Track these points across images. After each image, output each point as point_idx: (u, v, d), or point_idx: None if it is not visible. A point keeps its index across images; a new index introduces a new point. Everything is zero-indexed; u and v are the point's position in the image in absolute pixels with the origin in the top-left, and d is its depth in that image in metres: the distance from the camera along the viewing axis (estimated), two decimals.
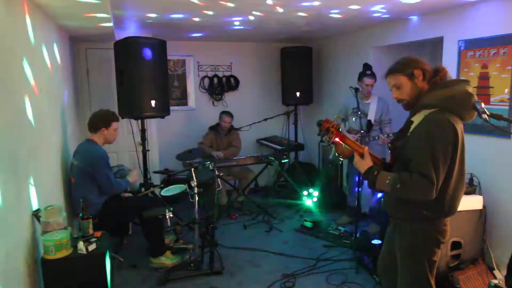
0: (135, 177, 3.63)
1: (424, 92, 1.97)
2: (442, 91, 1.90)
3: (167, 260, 3.49)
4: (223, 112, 5.29)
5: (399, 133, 2.09)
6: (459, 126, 1.87)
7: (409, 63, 2.00)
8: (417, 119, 1.93)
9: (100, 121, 3.37)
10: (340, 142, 2.09)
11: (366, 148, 2.08)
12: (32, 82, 2.35)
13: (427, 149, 1.81)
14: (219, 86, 5.86)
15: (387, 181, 1.90)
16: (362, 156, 2.06)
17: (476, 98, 1.89)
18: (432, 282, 2.03)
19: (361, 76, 4.15)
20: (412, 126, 1.95)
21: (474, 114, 1.90)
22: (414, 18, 3.98)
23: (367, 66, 4.16)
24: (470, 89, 1.91)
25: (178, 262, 3.49)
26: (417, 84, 1.97)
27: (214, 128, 5.34)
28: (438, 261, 2.04)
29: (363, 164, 2.03)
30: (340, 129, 2.10)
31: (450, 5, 3.44)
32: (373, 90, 4.19)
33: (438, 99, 1.88)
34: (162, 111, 4.16)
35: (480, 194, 3.19)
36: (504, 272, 2.63)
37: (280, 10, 3.52)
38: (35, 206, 2.20)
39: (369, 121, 4.10)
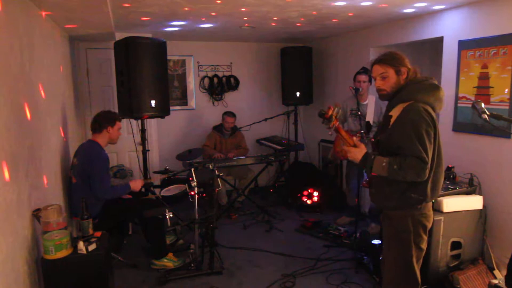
0: (138, 186, 3.54)
1: (401, 88, 2.15)
2: (418, 87, 2.11)
3: (170, 262, 3.49)
4: (225, 113, 5.28)
5: (380, 127, 2.26)
6: (434, 115, 2.06)
7: (399, 60, 2.16)
8: (395, 112, 2.11)
9: (106, 120, 3.38)
10: (339, 130, 2.18)
11: (355, 138, 2.21)
12: (32, 82, 2.35)
13: (413, 134, 1.98)
14: (219, 86, 5.86)
15: (384, 164, 2.01)
16: (354, 146, 2.18)
17: (443, 91, 2.13)
18: (417, 269, 2.15)
19: (355, 76, 4.17)
20: (392, 120, 2.11)
21: (443, 105, 2.14)
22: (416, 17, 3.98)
23: (362, 68, 4.18)
24: (436, 82, 2.16)
25: (180, 265, 3.49)
26: (400, 81, 2.15)
27: (218, 129, 5.31)
28: (424, 251, 2.17)
29: (358, 152, 2.14)
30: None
31: (450, 5, 3.44)
32: (370, 91, 4.19)
33: (412, 93, 2.09)
34: (162, 111, 4.16)
35: (480, 194, 3.19)
36: (504, 272, 2.62)
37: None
38: (35, 206, 2.19)
39: (368, 122, 4.10)
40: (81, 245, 2.24)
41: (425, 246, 2.16)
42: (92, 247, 2.28)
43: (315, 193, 4.95)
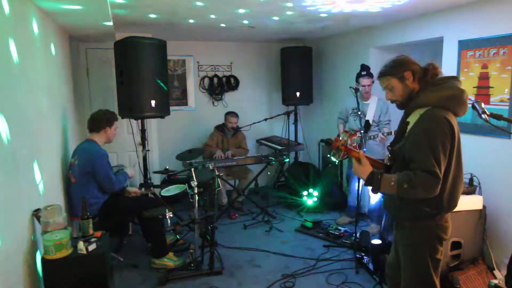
0: (132, 172, 3.74)
1: (415, 92, 2.00)
2: (434, 89, 1.94)
3: (170, 261, 3.49)
4: (228, 113, 5.27)
5: (397, 136, 2.10)
6: (454, 122, 1.90)
7: (398, 65, 2.02)
8: (412, 119, 1.97)
9: (104, 120, 3.42)
10: (350, 155, 2.03)
11: (361, 152, 2.01)
12: (32, 81, 2.35)
13: (426, 145, 1.82)
14: (219, 86, 5.86)
15: (392, 183, 1.86)
16: (359, 161, 1.99)
17: (467, 93, 1.94)
18: (437, 281, 2.02)
19: (357, 77, 4.16)
20: (409, 127, 1.97)
21: (467, 108, 1.95)
22: (414, 18, 3.98)
23: (363, 67, 4.16)
24: (460, 85, 1.96)
25: (180, 265, 3.49)
26: (408, 86, 2.00)
27: (221, 129, 5.31)
28: (441, 260, 2.04)
29: (363, 170, 1.95)
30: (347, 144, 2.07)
31: (450, 5, 3.44)
32: (373, 91, 4.19)
33: (430, 98, 1.92)
34: (162, 111, 4.15)
35: (480, 194, 3.19)
36: (504, 272, 2.63)
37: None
38: (35, 206, 2.19)
39: (367, 121, 4.11)
40: (81, 245, 2.23)
41: (441, 257, 2.02)
42: (92, 247, 2.28)
43: (315, 193, 4.95)
